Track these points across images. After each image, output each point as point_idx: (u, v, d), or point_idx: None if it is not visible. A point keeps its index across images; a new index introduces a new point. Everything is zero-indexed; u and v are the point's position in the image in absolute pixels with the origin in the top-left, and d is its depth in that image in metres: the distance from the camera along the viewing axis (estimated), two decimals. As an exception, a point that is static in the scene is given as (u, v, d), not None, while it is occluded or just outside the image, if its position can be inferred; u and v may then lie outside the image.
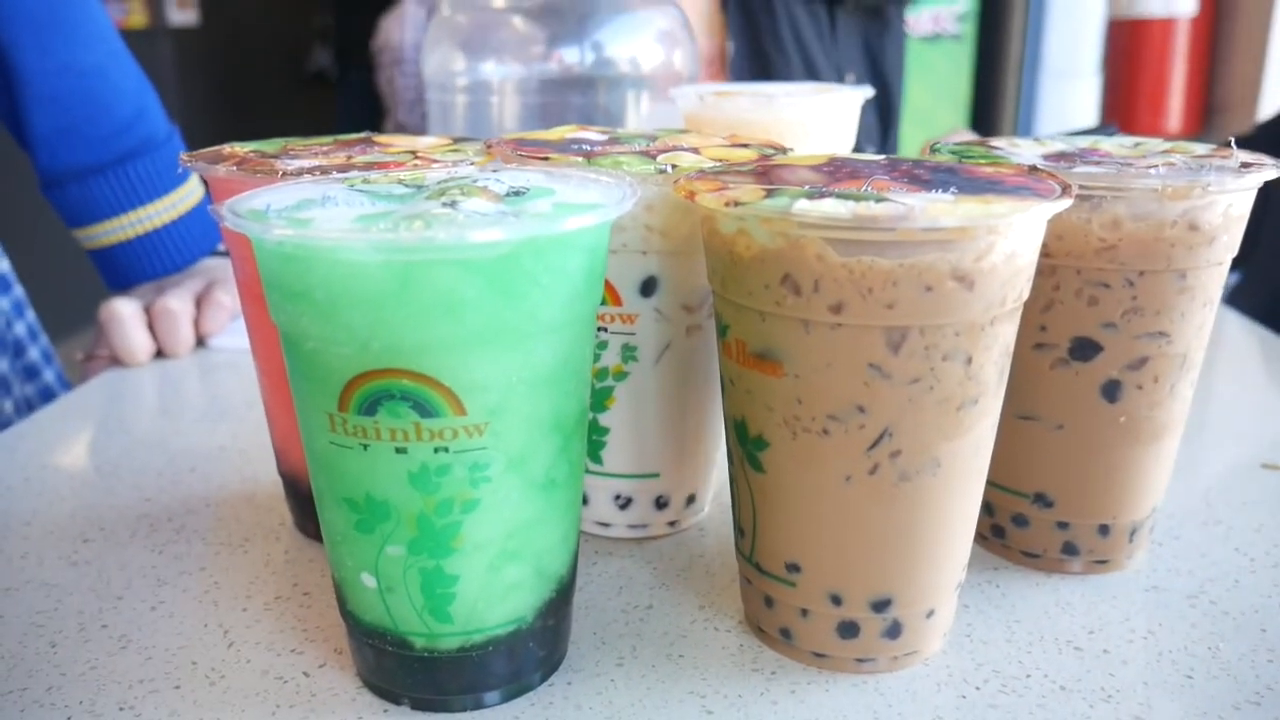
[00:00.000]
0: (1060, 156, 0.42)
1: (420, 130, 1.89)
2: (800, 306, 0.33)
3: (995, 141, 0.46)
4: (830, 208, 0.32)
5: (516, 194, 0.35)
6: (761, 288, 0.34)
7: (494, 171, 0.39)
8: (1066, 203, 0.33)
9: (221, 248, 0.88)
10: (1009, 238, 0.33)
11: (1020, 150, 0.44)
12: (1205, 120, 2.41)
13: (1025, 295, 0.35)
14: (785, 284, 0.33)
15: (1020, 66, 2.82)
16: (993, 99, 3.09)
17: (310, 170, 0.41)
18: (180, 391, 0.71)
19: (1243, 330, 0.81)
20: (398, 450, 0.32)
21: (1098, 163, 0.41)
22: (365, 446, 0.33)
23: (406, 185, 0.37)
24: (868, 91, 0.69)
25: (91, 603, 0.43)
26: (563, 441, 0.35)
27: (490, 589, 0.35)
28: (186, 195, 0.86)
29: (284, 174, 0.40)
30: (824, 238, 0.32)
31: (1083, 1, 2.72)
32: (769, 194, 0.34)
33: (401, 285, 0.30)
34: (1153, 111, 2.37)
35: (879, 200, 0.33)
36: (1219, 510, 0.51)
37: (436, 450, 0.32)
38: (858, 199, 0.33)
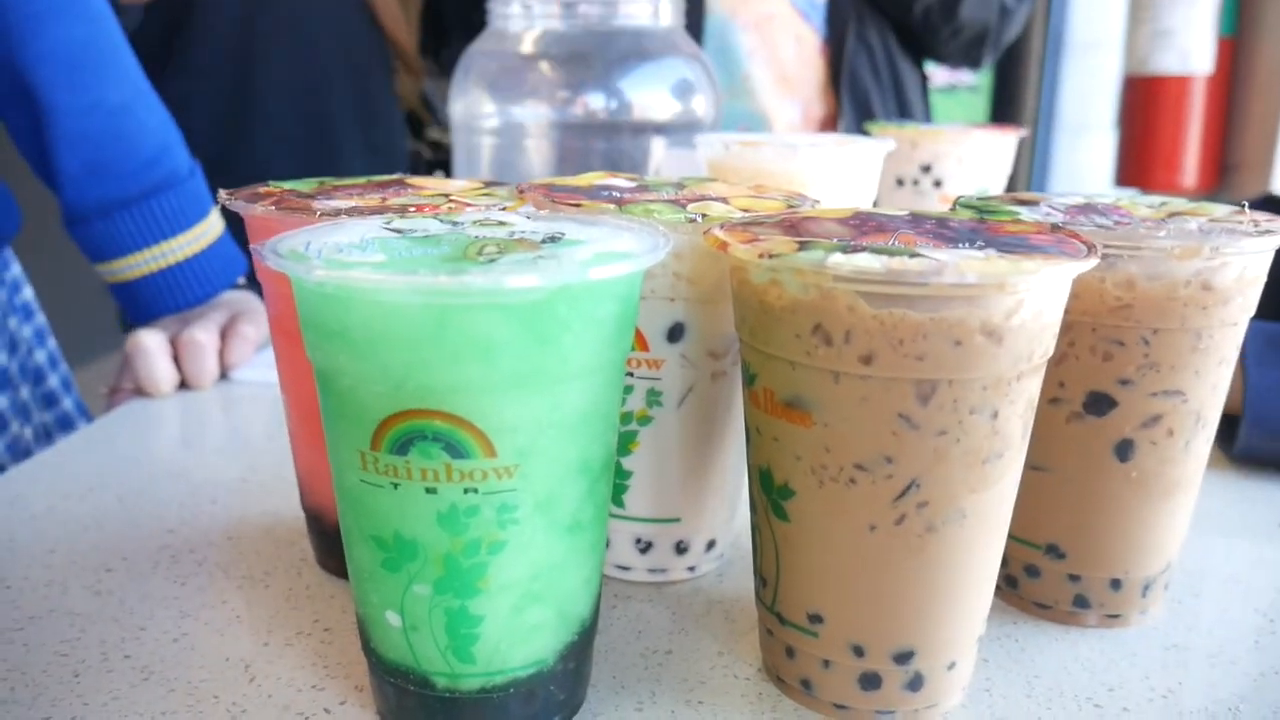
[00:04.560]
0: (1080, 210, 0.43)
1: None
2: (831, 357, 0.34)
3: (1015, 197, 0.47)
4: (864, 262, 0.32)
5: (551, 240, 0.36)
6: (792, 337, 0.34)
7: (527, 217, 0.40)
8: (1094, 261, 0.34)
9: (241, 280, 0.89)
10: (1038, 294, 0.33)
11: (1035, 207, 0.44)
12: (1221, 178, 2.41)
13: (1050, 351, 0.36)
14: (816, 334, 0.34)
15: (1035, 120, 2.83)
16: (1008, 151, 3.10)
17: (346, 211, 0.41)
18: (203, 423, 0.72)
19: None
20: (428, 490, 0.33)
21: (1116, 223, 0.41)
22: (396, 485, 0.33)
23: (443, 224, 0.37)
24: (889, 145, 0.70)
25: (114, 633, 0.43)
26: (589, 485, 0.35)
27: (514, 630, 0.35)
28: (208, 230, 0.87)
29: (321, 214, 0.41)
30: (856, 290, 0.32)
31: (1099, 57, 2.74)
32: (801, 246, 0.34)
33: (438, 327, 0.31)
34: (1168, 168, 2.38)
35: (912, 255, 0.33)
36: (1239, 568, 0.50)
37: (466, 491, 0.33)
38: (890, 254, 0.33)
